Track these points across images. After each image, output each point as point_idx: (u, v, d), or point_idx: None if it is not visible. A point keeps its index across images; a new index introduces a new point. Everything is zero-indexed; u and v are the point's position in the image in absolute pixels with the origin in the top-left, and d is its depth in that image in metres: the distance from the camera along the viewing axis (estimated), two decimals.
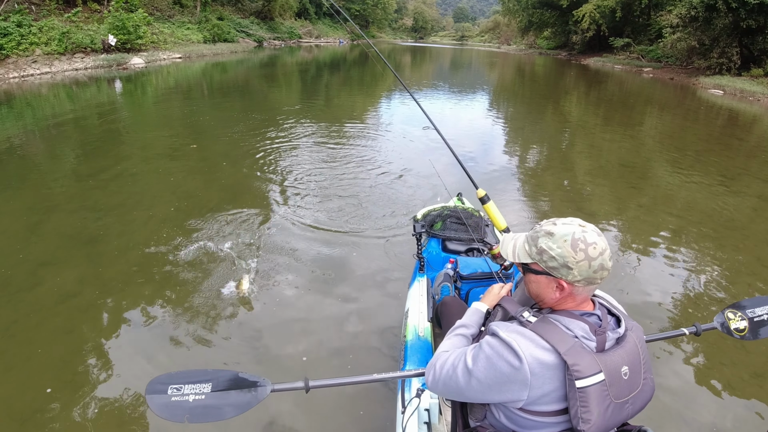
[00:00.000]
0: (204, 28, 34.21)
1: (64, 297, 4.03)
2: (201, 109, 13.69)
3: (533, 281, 1.45)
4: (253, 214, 5.71)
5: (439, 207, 3.55)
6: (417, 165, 7.90)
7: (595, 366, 1.25)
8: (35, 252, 4.79)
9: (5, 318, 3.71)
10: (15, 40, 19.08)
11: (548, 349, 1.28)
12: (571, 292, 1.38)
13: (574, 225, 1.38)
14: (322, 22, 63.85)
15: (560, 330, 1.31)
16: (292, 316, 3.81)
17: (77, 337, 3.53)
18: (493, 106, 16.26)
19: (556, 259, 1.35)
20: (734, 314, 2.06)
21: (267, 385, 1.60)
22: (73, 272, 4.43)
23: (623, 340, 1.37)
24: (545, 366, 1.27)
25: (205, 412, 1.51)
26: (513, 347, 1.29)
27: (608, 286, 4.37)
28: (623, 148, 10.00)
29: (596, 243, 1.34)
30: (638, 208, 6.45)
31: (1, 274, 4.35)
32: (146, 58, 24.19)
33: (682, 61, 27.97)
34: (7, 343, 3.44)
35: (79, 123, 10.98)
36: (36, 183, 6.78)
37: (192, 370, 1.59)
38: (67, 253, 4.80)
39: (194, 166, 7.81)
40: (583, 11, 36.55)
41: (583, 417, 1.24)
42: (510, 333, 1.33)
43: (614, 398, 1.28)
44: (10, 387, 3.05)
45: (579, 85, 23.43)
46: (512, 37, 61.92)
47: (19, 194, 6.29)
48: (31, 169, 7.46)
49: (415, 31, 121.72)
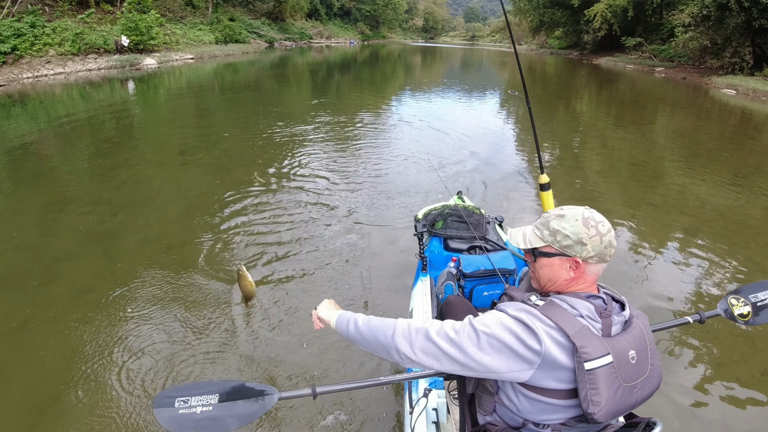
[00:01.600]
0: (216, 29, 34.41)
1: (79, 292, 4.10)
2: (213, 108, 13.80)
3: (546, 265, 1.48)
4: (263, 213, 5.78)
5: (439, 206, 3.56)
6: (418, 166, 7.92)
7: (603, 348, 1.27)
8: (51, 248, 4.87)
9: (23, 312, 3.79)
10: (29, 40, 19.31)
11: (556, 329, 1.29)
12: (584, 271, 1.42)
13: (580, 208, 1.46)
14: (333, 23, 64.02)
15: (567, 312, 1.33)
16: (297, 319, 3.79)
17: (92, 331, 3.59)
18: (503, 106, 16.22)
19: (570, 237, 1.40)
20: (737, 300, 2.05)
21: (274, 394, 1.60)
22: (88, 267, 4.51)
23: (629, 325, 1.39)
24: (557, 343, 1.28)
25: (212, 424, 1.51)
26: (525, 322, 1.31)
27: (620, 283, 4.37)
28: (635, 147, 9.95)
29: (603, 221, 1.42)
30: (650, 206, 6.42)
31: (18, 269, 4.44)
32: (159, 59, 24.38)
33: (695, 61, 27.69)
34: (24, 336, 3.52)
35: (92, 122, 11.11)
36: (51, 181, 6.89)
37: (198, 382, 1.60)
38: (83, 249, 4.88)
39: (207, 164, 7.89)
40: (595, 10, 36.25)
41: (593, 400, 1.25)
42: (518, 311, 1.35)
43: (623, 381, 1.29)
44: (27, 379, 3.12)
45: (590, 85, 23.31)
46: (523, 37, 61.59)
47: (34, 192, 6.39)
48: (46, 168, 7.58)
49: (426, 32, 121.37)
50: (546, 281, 1.50)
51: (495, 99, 18.12)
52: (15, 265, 4.51)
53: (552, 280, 1.48)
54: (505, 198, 6.47)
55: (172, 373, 3.17)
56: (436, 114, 13.37)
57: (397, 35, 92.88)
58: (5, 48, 18.15)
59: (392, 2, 77.29)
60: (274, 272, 4.46)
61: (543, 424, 1.38)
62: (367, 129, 11.00)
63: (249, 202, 6.07)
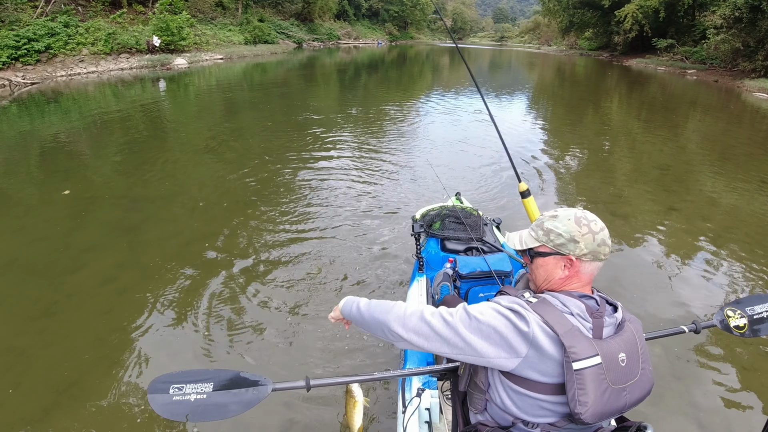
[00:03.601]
0: (245, 30, 34.89)
1: (103, 281, 4.25)
2: (241, 108, 14.04)
3: (541, 264, 1.51)
4: (284, 211, 5.90)
5: (437, 207, 3.57)
6: (419, 167, 7.94)
7: (591, 349, 1.28)
8: (78, 239, 5.05)
9: (48, 298, 3.95)
10: (62, 39, 19.89)
11: (547, 326, 1.31)
12: (579, 270, 1.45)
13: (573, 209, 1.50)
14: (361, 24, 64.29)
15: (558, 311, 1.35)
16: (295, 315, 3.83)
17: (114, 318, 3.73)
18: (532, 108, 16.09)
19: (563, 235, 1.44)
20: (733, 312, 2.04)
21: (268, 384, 1.61)
22: (113, 258, 4.67)
23: (621, 329, 1.40)
24: (547, 335, 1.30)
25: (206, 411, 1.53)
26: (517, 310, 1.35)
27: (635, 289, 4.34)
28: (663, 151, 9.77)
29: (596, 220, 1.46)
30: (674, 211, 6.32)
31: (46, 258, 4.62)
32: (189, 59, 24.85)
33: (727, 63, 26.95)
34: (48, 321, 3.67)
35: (123, 119, 11.42)
36: (81, 176, 7.14)
37: (194, 370, 1.61)
38: (108, 241, 5.05)
39: (234, 162, 8.06)
40: (626, 11, 35.68)
41: (580, 400, 1.26)
42: (511, 302, 1.39)
43: (611, 383, 1.30)
44: (49, 361, 3.26)
45: (620, 87, 22.94)
46: (553, 38, 61.00)
47: (65, 186, 6.61)
48: (77, 163, 7.84)
49: (454, 32, 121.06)
50: (542, 281, 1.53)
51: (521, 101, 17.98)
52: (43, 254, 4.69)
53: (547, 280, 1.51)
54: (504, 199, 6.48)
55: (186, 360, 3.28)
56: (456, 114, 13.34)
57: (425, 36, 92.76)
58: (39, 47, 18.70)
59: (420, 3, 77.18)
60: (284, 272, 4.55)
61: (532, 423, 1.39)
62: (388, 129, 11.06)
63: (272, 200, 6.21)
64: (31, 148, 8.75)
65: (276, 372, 3.15)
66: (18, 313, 3.77)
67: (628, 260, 4.95)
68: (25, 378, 3.09)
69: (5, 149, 8.69)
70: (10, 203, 6.03)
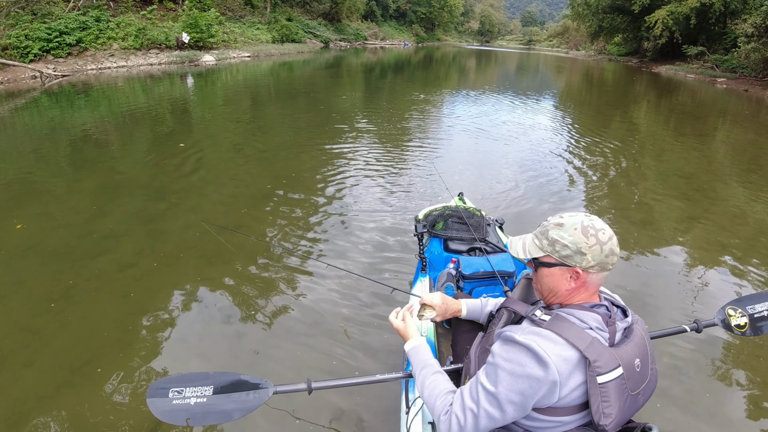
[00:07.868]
0: (273, 29, 35.29)
1: (122, 266, 4.35)
2: (267, 104, 14.20)
3: (546, 275, 1.46)
4: (304, 208, 5.96)
5: (440, 207, 3.56)
6: (419, 169, 7.92)
7: (614, 361, 1.27)
8: (100, 226, 5.17)
9: (67, 281, 4.06)
10: (93, 34, 20.39)
11: (569, 346, 1.27)
12: (585, 281, 1.40)
13: (580, 215, 1.43)
14: (388, 24, 64.48)
15: (576, 326, 1.31)
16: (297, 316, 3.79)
17: (131, 303, 3.82)
18: (558, 111, 15.90)
19: (569, 246, 1.38)
20: (734, 311, 2.04)
21: (269, 387, 1.61)
22: (132, 246, 4.77)
23: (631, 332, 1.39)
24: (570, 362, 1.26)
25: (206, 415, 1.52)
26: (535, 350, 1.26)
27: (666, 296, 4.28)
28: (690, 160, 9.57)
29: (604, 229, 1.39)
30: (694, 221, 6.19)
31: (68, 243, 4.75)
32: (217, 56, 25.22)
33: (758, 72, 26.29)
34: (66, 303, 3.77)
35: (151, 113, 11.65)
36: (107, 166, 7.30)
37: (194, 373, 1.60)
38: (129, 229, 5.16)
39: (258, 156, 8.18)
40: (656, 17, 35.00)
41: (605, 412, 1.25)
42: (527, 335, 1.31)
43: (631, 390, 1.30)
44: (64, 341, 3.35)
45: (649, 95, 22.58)
46: (581, 43, 60.36)
47: (91, 175, 6.78)
48: (104, 154, 8.02)
49: (482, 35, 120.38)
50: (547, 292, 1.48)
51: (548, 105, 17.82)
52: (65, 240, 4.83)
53: (553, 291, 1.46)
54: (505, 199, 6.45)
55: (198, 351, 3.33)
56: (472, 117, 13.28)
57: (452, 38, 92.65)
58: (71, 40, 19.17)
59: (448, 4, 77.06)
60: (294, 271, 4.59)
61: None
62: (412, 131, 11.07)
63: (292, 196, 6.25)
64: (60, 138, 8.99)
65: (277, 374, 3.13)
66: (37, 295, 3.88)
67: (645, 266, 4.87)
68: (40, 356, 3.18)
69: (36, 138, 8.95)
70: (39, 190, 6.19)
